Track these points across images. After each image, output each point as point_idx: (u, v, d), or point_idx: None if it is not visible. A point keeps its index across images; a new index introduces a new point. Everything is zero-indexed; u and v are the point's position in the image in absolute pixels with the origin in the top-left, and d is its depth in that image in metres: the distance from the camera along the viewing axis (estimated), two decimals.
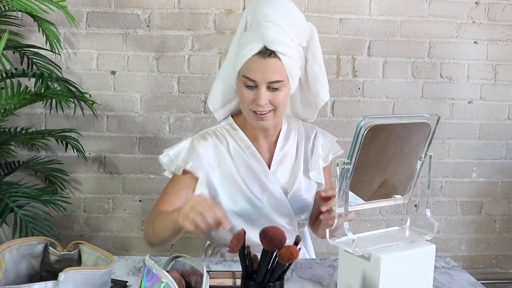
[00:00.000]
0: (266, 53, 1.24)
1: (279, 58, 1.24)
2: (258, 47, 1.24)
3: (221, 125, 1.42)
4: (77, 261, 0.91)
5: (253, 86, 1.26)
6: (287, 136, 1.42)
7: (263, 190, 1.36)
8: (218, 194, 1.35)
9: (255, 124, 1.32)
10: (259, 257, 0.95)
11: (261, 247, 0.99)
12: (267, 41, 1.23)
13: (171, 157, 1.35)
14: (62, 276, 0.77)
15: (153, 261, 0.87)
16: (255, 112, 1.28)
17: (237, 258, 1.34)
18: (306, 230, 1.61)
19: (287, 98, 1.32)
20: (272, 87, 1.26)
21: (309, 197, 1.40)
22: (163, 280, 0.82)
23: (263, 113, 1.28)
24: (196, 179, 1.34)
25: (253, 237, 1.27)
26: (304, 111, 1.47)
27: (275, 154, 1.39)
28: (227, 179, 1.36)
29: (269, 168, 1.38)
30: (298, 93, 1.41)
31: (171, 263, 0.96)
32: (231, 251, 0.91)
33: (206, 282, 0.89)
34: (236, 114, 1.44)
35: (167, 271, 0.92)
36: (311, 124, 1.50)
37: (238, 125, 1.41)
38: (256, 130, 1.37)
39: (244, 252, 0.93)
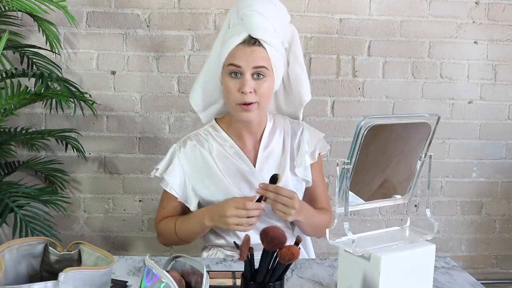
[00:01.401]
0: (251, 41, 1.27)
1: (263, 47, 1.27)
2: (242, 37, 1.27)
3: (204, 128, 1.44)
4: (77, 261, 0.91)
5: (238, 74, 1.28)
6: (273, 133, 1.42)
7: (250, 188, 1.36)
8: (205, 199, 1.39)
9: (240, 117, 1.32)
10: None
11: (257, 246, 1.03)
12: (250, 29, 1.26)
13: (160, 174, 1.42)
14: (62, 276, 0.77)
15: (153, 261, 0.87)
16: (240, 104, 1.29)
17: (237, 258, 1.34)
18: None
19: (271, 92, 1.34)
20: (257, 72, 1.27)
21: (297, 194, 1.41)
22: (163, 280, 0.82)
23: (248, 103, 1.27)
24: None
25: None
26: (288, 111, 1.49)
27: (259, 151, 1.39)
28: (212, 182, 1.38)
29: (255, 166, 1.38)
30: (281, 93, 1.43)
31: (171, 263, 0.96)
32: (241, 259, 0.91)
33: (206, 282, 0.89)
34: (219, 118, 1.45)
35: (167, 271, 0.92)
36: (298, 121, 1.49)
37: (221, 126, 1.42)
38: (241, 128, 1.38)
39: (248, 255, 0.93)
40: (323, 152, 1.47)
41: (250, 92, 1.27)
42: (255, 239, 0.97)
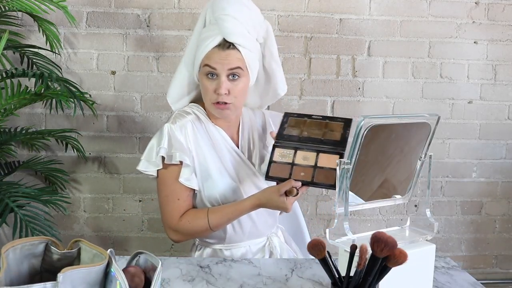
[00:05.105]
0: (225, 45, 1.31)
1: (238, 49, 1.31)
2: (217, 40, 1.31)
3: (191, 108, 1.44)
4: (78, 259, 0.91)
5: (214, 75, 1.32)
6: (245, 125, 1.48)
7: (239, 167, 1.41)
8: (202, 171, 1.38)
9: (218, 114, 1.38)
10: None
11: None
12: (225, 33, 1.30)
13: (146, 158, 1.40)
14: (60, 277, 0.77)
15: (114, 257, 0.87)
16: (215, 103, 1.34)
17: (236, 258, 1.34)
18: (306, 230, 1.62)
19: (245, 91, 1.38)
20: (232, 73, 1.32)
21: None
22: (117, 277, 0.84)
23: (223, 102, 1.32)
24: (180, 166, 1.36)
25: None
26: (262, 103, 1.55)
27: (240, 140, 1.45)
28: (215, 151, 1.40)
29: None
30: (256, 88, 1.47)
31: (135, 259, 0.99)
32: (359, 267, 0.88)
33: (158, 276, 0.92)
34: (199, 102, 1.48)
35: (130, 266, 0.96)
36: (258, 110, 1.55)
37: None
38: (218, 119, 1.42)
39: (326, 260, 0.91)
40: None
41: (226, 93, 1.32)
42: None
